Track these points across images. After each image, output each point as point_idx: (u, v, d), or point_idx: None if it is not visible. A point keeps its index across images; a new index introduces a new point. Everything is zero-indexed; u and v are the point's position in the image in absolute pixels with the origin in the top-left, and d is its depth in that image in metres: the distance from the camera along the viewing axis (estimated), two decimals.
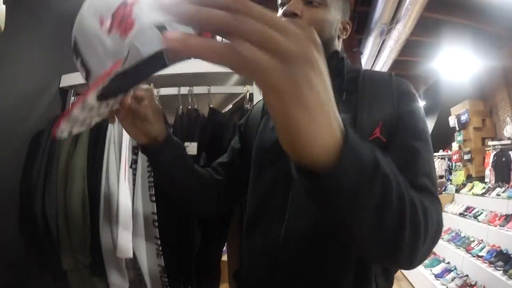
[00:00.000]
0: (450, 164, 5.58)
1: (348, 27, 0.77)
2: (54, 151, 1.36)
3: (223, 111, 1.51)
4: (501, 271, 2.33)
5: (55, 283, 1.52)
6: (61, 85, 1.63)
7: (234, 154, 0.83)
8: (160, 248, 1.15)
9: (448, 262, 3.06)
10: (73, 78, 1.61)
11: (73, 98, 1.62)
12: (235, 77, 1.33)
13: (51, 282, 1.52)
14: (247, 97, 1.20)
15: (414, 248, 0.40)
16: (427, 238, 0.42)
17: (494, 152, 4.44)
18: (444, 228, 3.44)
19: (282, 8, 0.69)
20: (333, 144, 0.29)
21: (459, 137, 5.42)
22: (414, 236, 0.39)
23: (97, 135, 1.26)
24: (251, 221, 0.72)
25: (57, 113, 1.59)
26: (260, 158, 0.72)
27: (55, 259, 1.34)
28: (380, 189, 0.32)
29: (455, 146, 5.52)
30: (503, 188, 3.40)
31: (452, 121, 5.55)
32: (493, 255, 2.57)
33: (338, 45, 0.76)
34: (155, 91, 1.23)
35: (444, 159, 5.81)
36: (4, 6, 1.14)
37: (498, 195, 3.33)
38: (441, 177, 5.51)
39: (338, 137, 0.29)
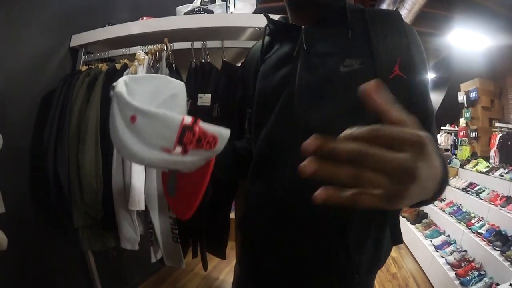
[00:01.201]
0: (456, 140, 5.58)
1: None
2: (66, 108, 1.36)
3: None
4: (499, 252, 2.35)
5: (66, 241, 1.57)
6: (71, 45, 1.63)
7: None
8: None
9: (448, 235, 3.09)
10: (83, 38, 1.61)
11: (83, 57, 1.62)
12: (248, 32, 1.32)
13: (62, 241, 1.58)
14: None
15: None
16: None
17: (501, 134, 4.41)
18: (447, 201, 3.48)
19: None
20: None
21: (467, 114, 5.35)
22: None
23: (111, 89, 1.26)
24: (256, 168, 0.72)
25: (67, 72, 1.60)
26: (262, 104, 0.71)
27: (67, 218, 1.37)
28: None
29: (462, 122, 5.46)
30: (507, 170, 3.38)
31: (461, 97, 5.46)
32: (492, 234, 2.57)
33: None
34: (169, 45, 1.22)
35: (451, 134, 5.80)
36: None
37: (501, 175, 3.30)
38: (446, 150, 5.51)
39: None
